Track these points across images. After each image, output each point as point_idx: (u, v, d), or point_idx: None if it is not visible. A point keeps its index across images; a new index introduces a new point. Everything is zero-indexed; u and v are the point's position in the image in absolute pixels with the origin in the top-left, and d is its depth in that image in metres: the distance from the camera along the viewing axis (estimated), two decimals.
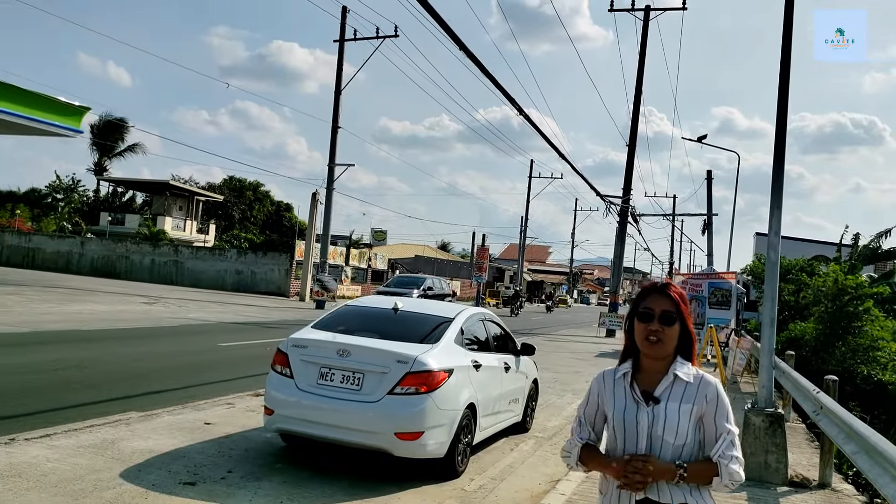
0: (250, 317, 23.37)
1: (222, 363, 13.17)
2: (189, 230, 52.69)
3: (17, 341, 13.14)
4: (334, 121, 33.61)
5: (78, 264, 41.07)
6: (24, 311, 17.89)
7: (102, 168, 58.26)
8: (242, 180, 65.32)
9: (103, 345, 13.94)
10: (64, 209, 55.91)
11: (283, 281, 38.27)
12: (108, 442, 6.70)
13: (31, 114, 24.27)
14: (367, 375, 6.32)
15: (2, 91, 23.39)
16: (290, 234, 58.38)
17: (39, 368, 10.49)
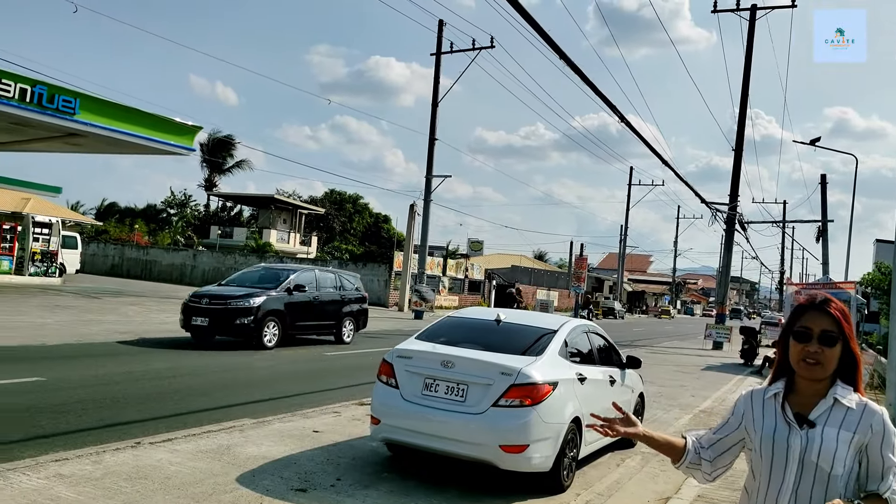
0: None
1: (327, 372, 13.52)
2: (293, 242, 54.52)
3: (139, 350, 13.93)
4: (431, 133, 34.05)
5: (190, 276, 43.23)
6: (144, 321, 18.96)
7: (212, 184, 61.21)
8: (342, 193, 67.09)
9: (213, 354, 14.57)
10: (177, 223, 59.12)
11: (382, 291, 38.95)
12: (223, 447, 6.99)
13: (149, 134, 25.74)
14: (471, 387, 6.33)
15: (123, 113, 24.99)
16: (389, 245, 59.43)
17: (158, 375, 11.08)
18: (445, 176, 35.17)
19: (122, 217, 59.14)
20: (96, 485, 5.49)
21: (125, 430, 7.42)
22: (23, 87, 21.38)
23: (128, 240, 49.59)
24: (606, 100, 14.16)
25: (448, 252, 63.34)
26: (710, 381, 17.23)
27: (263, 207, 56.67)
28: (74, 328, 15.77)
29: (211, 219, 60.13)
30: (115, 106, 25.06)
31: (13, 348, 12.34)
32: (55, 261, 28.39)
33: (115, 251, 46.08)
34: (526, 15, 9.73)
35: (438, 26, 33.59)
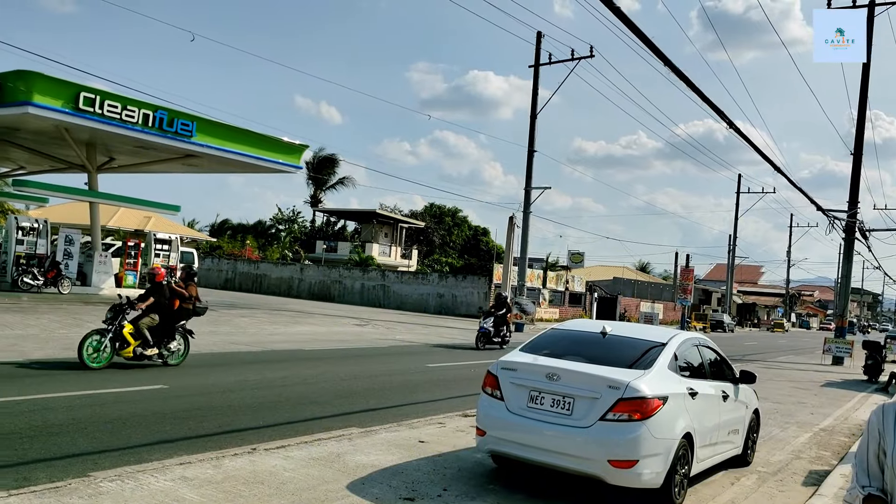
0: (453, 339, 24.07)
1: (430, 383, 13.66)
2: (394, 255, 55.55)
3: (252, 359, 14.55)
4: (530, 145, 33.95)
5: (298, 289, 44.79)
6: (256, 332, 19.77)
7: (317, 200, 63.28)
8: (442, 206, 67.84)
9: (323, 363, 15.02)
10: (285, 239, 61.44)
11: (483, 303, 39.00)
12: (334, 455, 7.18)
13: (260, 153, 27.09)
14: (578, 400, 6.24)
15: (235, 134, 26.40)
16: (488, 257, 59.54)
17: (272, 384, 11.52)
18: (545, 187, 34.96)
19: (234, 233, 62.06)
20: (217, 488, 5.76)
21: (241, 437, 7.75)
22: (146, 112, 23.10)
23: (240, 255, 51.91)
24: (714, 105, 13.71)
25: (548, 264, 62.84)
26: (830, 398, 16.26)
27: (366, 222, 58.07)
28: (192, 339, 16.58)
29: (316, 234, 62.15)
30: (229, 128, 26.61)
31: None
32: (174, 275, 30.04)
33: (228, 266, 48.34)
34: (628, 22, 9.57)
35: (537, 38, 33.54)
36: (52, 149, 27.36)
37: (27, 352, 12.27)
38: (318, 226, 64.51)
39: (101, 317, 18.74)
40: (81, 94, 21.30)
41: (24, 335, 14.22)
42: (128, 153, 27.17)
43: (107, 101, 21.89)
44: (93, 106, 21.53)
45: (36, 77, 20.53)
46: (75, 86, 21.36)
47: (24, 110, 20.44)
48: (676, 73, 11.61)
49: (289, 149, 27.97)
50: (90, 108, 21.49)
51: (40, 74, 20.62)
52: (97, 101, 21.63)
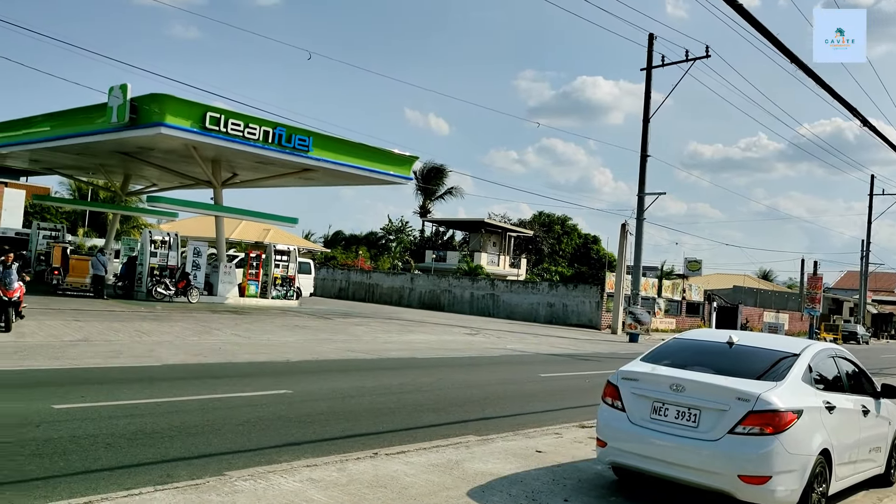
0: (564, 349, 23.76)
1: (544, 393, 13.54)
2: (502, 265, 55.52)
3: (368, 366, 14.92)
4: (643, 150, 33.15)
5: (408, 298, 45.55)
6: (371, 340, 20.25)
7: (426, 210, 64.24)
8: (550, 215, 67.29)
9: (437, 371, 15.19)
10: (396, 249, 62.76)
11: (594, 313, 38.35)
12: (452, 462, 7.23)
13: (372, 166, 27.83)
14: (704, 412, 6.01)
15: (349, 148, 27.24)
16: (598, 266, 58.50)
17: (389, 391, 11.77)
18: (659, 193, 34.01)
19: (347, 244, 64.01)
20: (343, 490, 5.93)
21: (363, 441, 7.95)
22: (266, 129, 24.21)
23: (353, 265, 53.40)
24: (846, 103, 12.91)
25: (663, 272, 61.03)
26: None
27: (474, 231, 58.39)
28: (312, 346, 17.23)
29: (426, 243, 63.07)
30: (343, 142, 27.45)
31: (263, 363, 13.74)
32: (293, 285, 31.27)
33: (342, 275, 49.83)
34: (750, 18, 9.15)
35: (648, 40, 32.78)
36: (180, 166, 29.17)
37: (163, 357, 13.08)
38: (426, 236, 65.47)
39: (227, 325, 19.87)
40: (208, 113, 22.60)
41: (159, 342, 15.17)
42: (249, 168, 28.58)
43: (230, 120, 23.12)
44: (218, 125, 22.80)
45: (168, 99, 21.96)
46: (202, 106, 22.70)
47: (157, 131, 21.89)
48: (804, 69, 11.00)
49: (400, 160, 28.58)
50: (216, 127, 22.77)
51: (171, 97, 22.04)
52: (222, 120, 22.88)
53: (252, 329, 19.57)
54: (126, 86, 22.13)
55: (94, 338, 14.63)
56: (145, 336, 15.83)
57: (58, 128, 26.23)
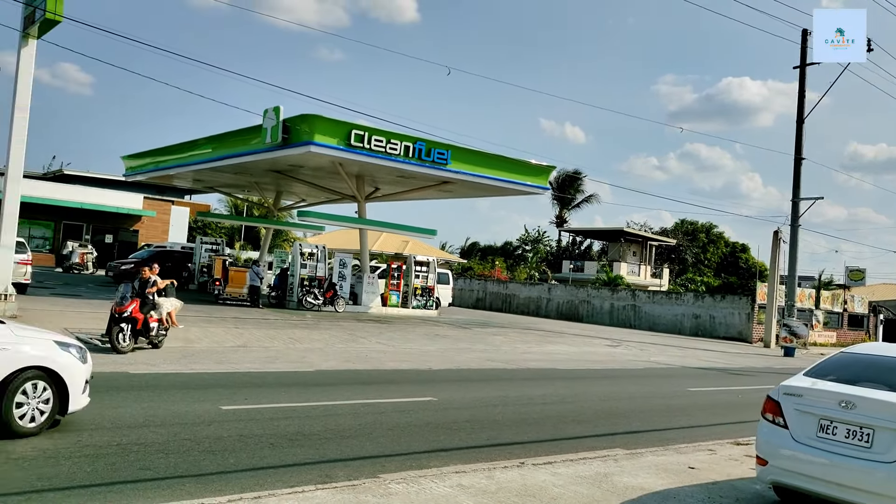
0: (713, 362, 22.70)
1: (694, 408, 13.00)
2: (643, 275, 53.94)
3: (509, 376, 14.95)
4: (797, 152, 31.18)
5: (546, 308, 45.21)
6: (510, 350, 20.27)
7: (562, 220, 63.62)
8: (694, 222, 64.67)
9: (579, 383, 14.98)
10: (532, 259, 62.53)
11: (744, 326, 36.37)
12: (601, 475, 7.10)
13: (509, 177, 27.93)
14: (878, 432, 5.56)
15: (486, 160, 27.49)
16: (748, 275, 55.52)
17: (532, 401, 11.73)
18: (815, 198, 31.88)
19: (483, 255, 64.53)
20: (492, 498, 5.98)
21: (509, 450, 7.97)
22: (406, 144, 24.93)
23: (489, 275, 53.75)
24: None
25: (821, 283, 57.02)
26: None
27: (613, 241, 57.16)
28: (452, 355, 17.49)
29: (562, 253, 62.44)
30: (481, 154, 27.75)
31: (407, 371, 14.11)
32: (432, 295, 31.91)
33: (478, 286, 50.27)
34: None
35: (802, 37, 30.85)
36: (327, 182, 30.61)
37: (315, 363, 13.74)
38: (563, 245, 64.79)
39: (372, 333, 20.58)
40: (353, 131, 23.60)
41: (311, 348, 15.95)
42: (391, 183, 29.52)
43: (374, 137, 24.00)
44: (362, 142, 23.74)
45: (316, 119, 23.13)
46: (348, 124, 23.73)
47: (307, 149, 23.11)
48: None
49: (536, 170, 28.52)
50: (360, 144, 23.72)
51: (320, 117, 23.20)
52: (365, 137, 23.81)
53: (395, 338, 20.14)
54: (279, 108, 23.54)
55: (251, 344, 15.60)
56: (297, 343, 16.68)
57: (218, 149, 28.30)
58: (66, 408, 7.01)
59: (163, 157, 32.82)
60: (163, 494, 5.31)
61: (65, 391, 6.97)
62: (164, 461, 6.27)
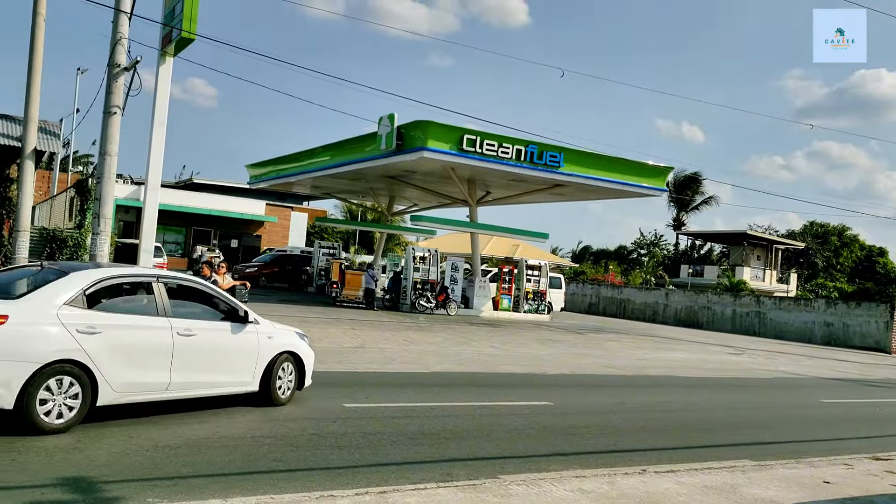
0: (847, 373, 21.31)
1: (827, 420, 12.28)
2: (768, 280, 51.39)
3: (626, 383, 14.63)
4: None
5: (663, 314, 43.88)
6: (626, 357, 19.82)
7: (680, 223, 61.55)
8: (825, 225, 61.01)
9: (701, 391, 14.46)
10: (648, 263, 60.82)
11: (882, 335, 33.91)
12: (728, 485, 6.83)
13: (624, 179, 27.34)
14: None
15: (600, 162, 27.03)
16: (886, 281, 51.85)
17: (651, 408, 11.43)
18: None
19: (596, 259, 63.44)
20: (612, 503, 5.88)
21: (629, 457, 7.80)
22: (518, 147, 24.92)
23: (602, 280, 52.79)
24: None
25: None
26: None
27: (734, 244, 54.78)
28: (567, 360, 17.30)
29: (680, 258, 60.42)
30: (594, 156, 27.37)
31: (521, 375, 14.08)
32: (544, 299, 31.68)
33: (591, 290, 49.46)
34: None
35: None
36: (439, 186, 31.05)
37: (430, 364, 13.96)
38: (681, 249, 62.69)
39: (484, 337, 20.66)
40: (465, 136, 23.84)
41: (425, 350, 16.21)
42: (502, 186, 29.58)
43: (485, 141, 24.15)
44: (474, 146, 23.95)
45: (429, 125, 23.54)
46: (460, 129, 23.99)
47: (420, 155, 23.56)
48: None
49: (653, 172, 27.79)
50: (472, 149, 23.93)
51: (433, 123, 23.58)
52: (477, 142, 23.99)
53: (507, 341, 20.14)
54: (393, 115, 24.12)
55: (368, 345, 16.02)
56: (412, 345, 16.99)
57: (335, 157, 29.32)
58: (303, 384, 8.98)
59: (283, 166, 34.34)
60: (295, 485, 5.55)
61: (303, 371, 8.93)
62: (295, 454, 6.56)
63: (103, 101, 14.29)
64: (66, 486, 5.09)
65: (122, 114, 14.19)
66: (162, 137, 18.25)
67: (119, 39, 14.08)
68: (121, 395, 6.89)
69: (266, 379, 8.34)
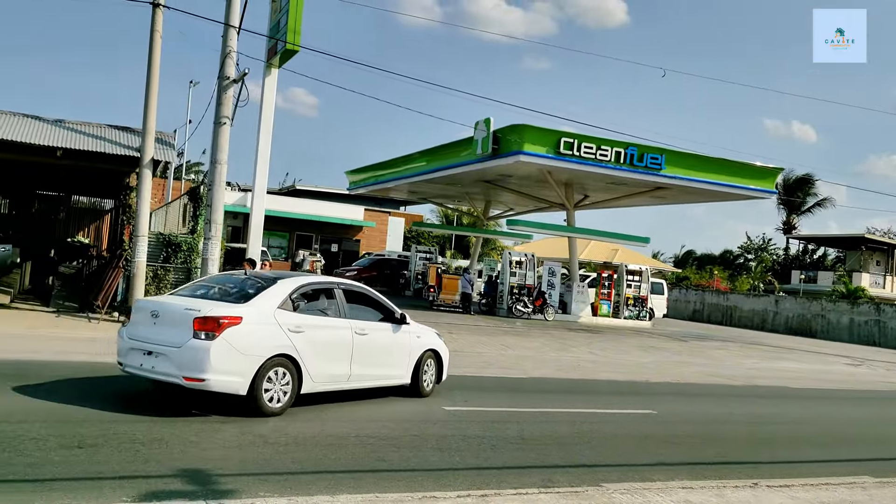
0: None
1: None
2: (889, 287, 48.17)
3: (734, 393, 14.04)
4: None
5: (772, 322, 41.86)
6: (733, 366, 19.04)
7: (791, 226, 58.61)
8: None
9: (815, 403, 13.75)
10: (756, 268, 58.15)
11: None
12: (846, 503, 6.44)
13: (729, 181, 26.30)
14: None
15: (704, 164, 26.10)
16: None
17: (761, 420, 10.96)
18: None
19: (700, 264, 61.21)
20: None
21: (738, 469, 7.48)
22: (617, 150, 24.43)
23: (707, 286, 50.92)
24: None
25: None
26: None
27: (851, 248, 51.64)
28: (669, 368, 16.79)
29: (791, 263, 57.48)
30: (698, 157, 26.51)
31: (622, 382, 13.76)
32: (645, 305, 30.86)
33: (695, 297, 47.78)
34: None
35: None
36: (535, 190, 30.81)
37: (528, 370, 13.86)
38: (791, 254, 59.65)
39: (583, 343, 20.33)
40: (562, 139, 23.58)
41: (522, 356, 16.10)
42: (600, 190, 29.06)
43: (583, 144, 23.79)
44: (571, 149, 23.64)
45: (526, 129, 23.42)
46: (557, 132, 23.75)
47: (516, 159, 23.49)
48: None
49: (761, 173, 26.63)
50: (569, 152, 23.64)
51: (529, 126, 23.46)
52: (575, 145, 23.68)
53: (607, 348, 19.75)
54: (489, 119, 24.14)
55: (466, 349, 16.05)
56: (509, 350, 16.93)
57: (432, 162, 29.63)
58: (440, 378, 9.94)
59: (381, 172, 35.02)
60: (398, 485, 5.63)
61: (441, 367, 9.93)
62: (397, 454, 6.65)
63: (213, 112, 15.02)
64: (185, 477, 5.35)
65: (230, 124, 14.87)
66: (267, 146, 18.97)
67: (228, 53, 14.76)
68: (317, 385, 8.01)
69: (415, 374, 9.43)
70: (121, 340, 7.81)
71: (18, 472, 5.12)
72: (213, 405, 7.56)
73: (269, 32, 18.72)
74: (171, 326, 7.35)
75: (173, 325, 7.34)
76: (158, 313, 7.59)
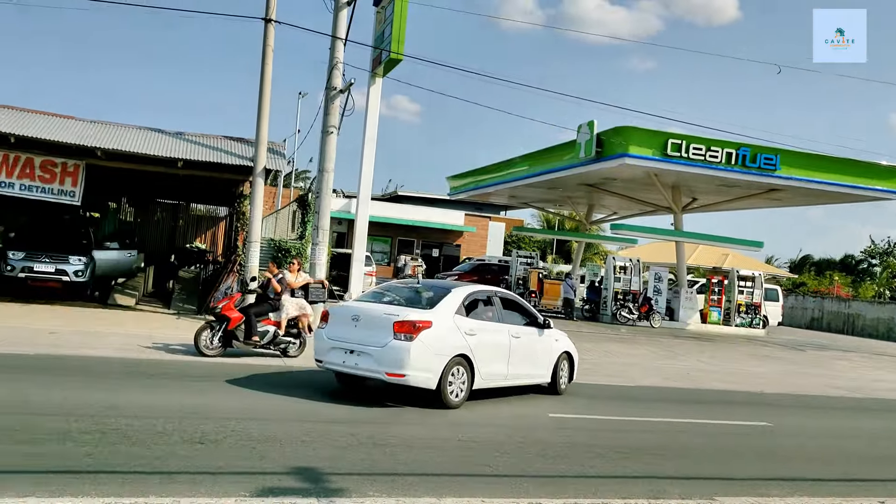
0: None
1: None
2: None
3: (858, 406, 13.19)
4: None
5: None
6: (856, 377, 17.88)
7: None
8: None
9: None
10: (882, 274, 54.46)
11: None
12: None
13: (850, 181, 24.79)
14: None
15: (822, 164, 24.70)
16: None
17: (890, 435, 10.23)
18: None
19: (818, 269, 57.92)
20: None
21: (866, 488, 7.03)
22: (728, 151, 23.49)
23: (826, 292, 48.15)
24: None
25: None
26: None
27: None
28: (786, 378, 15.96)
29: None
30: (815, 157, 25.20)
31: (734, 393, 13.15)
32: (758, 313, 29.48)
33: (813, 304, 45.24)
34: None
35: None
36: (640, 194, 30.05)
37: (635, 378, 13.51)
38: None
39: (692, 351, 19.64)
40: (669, 141, 22.90)
41: (628, 363, 15.72)
42: (710, 192, 28.01)
43: (692, 145, 23.02)
44: (679, 151, 22.92)
45: (630, 131, 22.90)
46: (663, 134, 23.09)
47: (621, 162, 22.99)
48: None
49: (888, 173, 24.95)
50: (677, 154, 22.93)
51: (634, 128, 22.92)
52: (683, 146, 22.95)
53: (718, 357, 19.00)
54: (593, 122, 23.75)
55: None
56: (613, 357, 16.56)
57: (533, 166, 29.42)
58: (572, 378, 10.77)
59: (482, 177, 35.07)
60: (503, 490, 5.60)
61: (573, 367, 10.78)
62: (501, 459, 6.62)
63: (321, 121, 15.50)
64: (298, 474, 5.52)
65: (337, 133, 15.30)
66: (372, 154, 19.41)
67: (335, 64, 15.22)
68: (484, 382, 8.95)
69: (553, 374, 10.22)
70: (319, 341, 8.85)
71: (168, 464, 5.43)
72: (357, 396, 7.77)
73: (373, 43, 19.15)
74: (372, 329, 8.37)
75: (374, 328, 8.35)
76: (359, 317, 8.60)
